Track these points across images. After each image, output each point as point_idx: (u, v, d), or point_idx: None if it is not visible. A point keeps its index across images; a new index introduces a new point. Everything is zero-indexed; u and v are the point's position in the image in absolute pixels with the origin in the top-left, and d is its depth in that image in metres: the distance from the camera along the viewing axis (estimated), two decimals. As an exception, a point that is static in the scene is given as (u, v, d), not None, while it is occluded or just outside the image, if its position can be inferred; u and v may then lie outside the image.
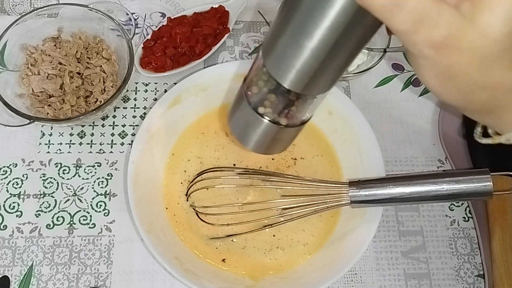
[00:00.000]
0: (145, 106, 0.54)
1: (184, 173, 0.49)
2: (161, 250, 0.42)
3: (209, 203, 0.48)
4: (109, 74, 0.52)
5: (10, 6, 0.59)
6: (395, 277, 0.49)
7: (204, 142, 0.51)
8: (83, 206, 0.49)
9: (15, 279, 0.45)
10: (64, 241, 0.47)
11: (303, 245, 0.47)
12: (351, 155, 0.50)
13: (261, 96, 0.29)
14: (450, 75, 0.22)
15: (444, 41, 0.20)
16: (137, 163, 0.46)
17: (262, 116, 0.30)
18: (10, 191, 0.49)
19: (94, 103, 0.51)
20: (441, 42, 0.21)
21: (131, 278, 0.46)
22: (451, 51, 0.21)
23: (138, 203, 0.44)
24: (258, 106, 0.30)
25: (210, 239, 0.47)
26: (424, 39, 0.21)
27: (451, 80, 0.23)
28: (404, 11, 0.19)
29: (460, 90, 0.23)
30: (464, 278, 0.49)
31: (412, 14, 0.19)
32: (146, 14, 0.59)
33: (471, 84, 0.23)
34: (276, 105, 0.29)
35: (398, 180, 0.45)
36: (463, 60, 0.21)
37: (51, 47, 0.52)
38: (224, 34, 0.56)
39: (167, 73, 0.54)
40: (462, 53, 0.21)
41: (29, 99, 0.50)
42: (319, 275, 0.44)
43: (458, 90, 0.23)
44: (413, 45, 0.21)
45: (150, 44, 0.54)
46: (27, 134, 0.51)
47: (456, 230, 0.51)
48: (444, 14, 0.20)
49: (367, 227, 0.44)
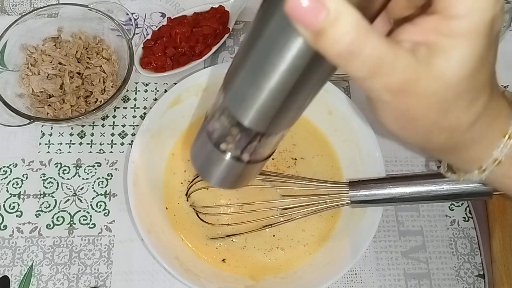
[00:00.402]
0: (145, 106, 0.54)
1: (184, 173, 0.49)
2: (161, 250, 0.42)
3: (209, 203, 0.48)
4: (109, 74, 0.52)
5: (10, 6, 0.59)
6: (395, 277, 0.49)
7: (204, 142, 0.51)
8: (83, 206, 0.49)
9: (15, 279, 0.45)
10: (64, 241, 0.47)
11: (303, 245, 0.47)
12: (351, 155, 0.50)
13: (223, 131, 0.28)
14: (408, 118, 0.23)
15: (400, 86, 0.20)
16: (137, 163, 0.46)
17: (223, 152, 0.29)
18: (10, 191, 0.49)
19: (94, 103, 0.51)
20: (397, 88, 0.21)
21: (131, 278, 0.46)
22: (408, 96, 0.21)
23: (138, 203, 0.44)
24: (220, 142, 0.28)
25: (210, 239, 0.47)
26: (381, 85, 0.21)
27: (409, 123, 0.23)
28: (360, 59, 0.19)
29: (418, 132, 0.24)
30: (464, 278, 0.49)
31: (368, 62, 0.19)
32: (146, 14, 0.59)
33: (429, 126, 0.23)
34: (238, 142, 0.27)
35: (398, 180, 0.45)
36: (420, 104, 0.21)
37: (51, 47, 0.52)
38: (224, 34, 0.56)
39: (167, 73, 0.54)
40: (419, 97, 0.21)
41: (29, 99, 0.50)
42: (319, 275, 0.44)
43: (417, 132, 0.24)
44: (371, 90, 0.21)
45: (150, 44, 0.54)
46: (27, 134, 0.51)
47: (456, 230, 0.51)
48: (400, 60, 0.20)
49: (367, 227, 0.44)
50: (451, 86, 0.21)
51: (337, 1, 0.18)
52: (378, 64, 0.19)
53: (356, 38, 0.18)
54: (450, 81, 0.21)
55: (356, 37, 0.18)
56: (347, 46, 0.19)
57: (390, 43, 0.20)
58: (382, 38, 0.19)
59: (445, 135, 0.24)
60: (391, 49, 0.20)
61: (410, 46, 0.21)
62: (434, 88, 0.21)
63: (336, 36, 0.18)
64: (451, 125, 0.23)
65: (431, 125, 0.23)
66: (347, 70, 0.20)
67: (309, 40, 0.19)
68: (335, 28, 0.18)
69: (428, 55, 0.20)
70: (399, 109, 0.22)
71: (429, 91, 0.21)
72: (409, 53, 0.20)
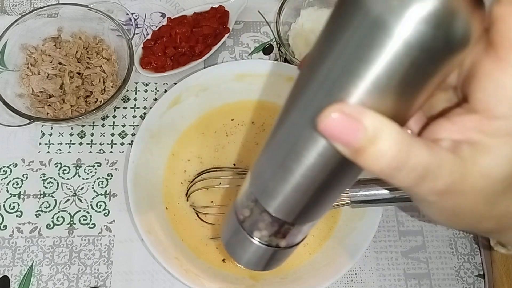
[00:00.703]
0: (145, 106, 0.54)
1: (184, 173, 0.49)
2: (161, 250, 0.42)
3: (209, 203, 0.48)
4: (109, 74, 0.52)
5: (10, 6, 0.59)
6: (395, 277, 0.49)
7: (204, 142, 0.51)
8: (83, 206, 0.49)
9: (15, 279, 0.45)
10: (64, 241, 0.47)
11: (303, 245, 0.47)
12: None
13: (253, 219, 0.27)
14: (455, 213, 0.22)
15: (447, 188, 0.20)
16: (137, 163, 0.46)
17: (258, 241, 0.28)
18: (10, 191, 0.49)
19: (94, 103, 0.51)
20: (444, 190, 0.20)
21: (131, 278, 0.46)
22: (455, 195, 0.20)
23: (138, 203, 0.44)
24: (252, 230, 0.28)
25: (210, 239, 0.47)
26: (427, 190, 0.20)
27: (456, 217, 0.23)
28: (404, 171, 0.18)
29: (466, 222, 0.23)
30: (464, 278, 0.49)
31: (412, 173, 0.19)
32: (146, 14, 0.59)
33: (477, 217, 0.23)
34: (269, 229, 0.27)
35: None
36: (467, 201, 0.21)
37: (51, 47, 0.52)
38: (224, 34, 0.56)
39: (167, 73, 0.54)
40: (466, 194, 0.20)
41: (29, 99, 0.50)
42: (319, 275, 0.44)
43: (465, 223, 0.24)
44: (416, 194, 0.21)
45: (150, 44, 0.54)
46: (27, 134, 0.51)
47: (456, 230, 0.51)
48: (445, 164, 0.19)
49: (367, 227, 0.44)
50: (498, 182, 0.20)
51: (374, 117, 0.17)
52: (423, 173, 0.19)
53: (398, 154, 0.18)
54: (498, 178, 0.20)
55: (399, 152, 0.18)
56: (390, 162, 0.18)
57: (433, 149, 0.19)
58: (424, 146, 0.19)
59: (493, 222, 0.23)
60: (435, 155, 0.19)
61: (451, 145, 0.20)
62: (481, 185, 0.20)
63: (377, 154, 0.18)
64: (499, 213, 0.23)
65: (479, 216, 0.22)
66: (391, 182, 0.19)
67: (347, 155, 0.19)
68: (375, 147, 0.17)
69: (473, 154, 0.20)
70: (445, 207, 0.22)
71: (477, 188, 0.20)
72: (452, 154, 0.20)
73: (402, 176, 0.19)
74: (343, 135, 0.18)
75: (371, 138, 0.17)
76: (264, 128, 0.52)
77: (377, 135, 0.17)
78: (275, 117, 0.23)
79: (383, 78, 0.17)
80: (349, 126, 0.17)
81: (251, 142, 0.52)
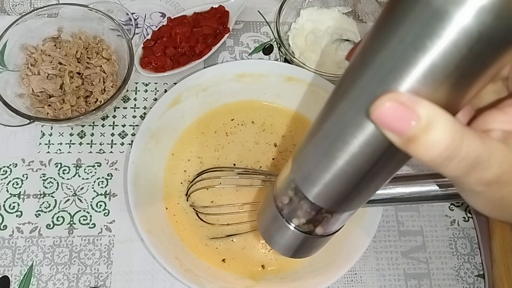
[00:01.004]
0: (145, 106, 0.54)
1: (184, 173, 0.49)
2: (161, 250, 0.42)
3: (209, 203, 0.48)
4: (109, 74, 0.52)
5: (10, 6, 0.59)
6: (395, 277, 0.49)
7: (204, 142, 0.51)
8: (83, 206, 0.49)
9: (15, 279, 0.45)
10: (64, 241, 0.47)
11: (303, 245, 0.47)
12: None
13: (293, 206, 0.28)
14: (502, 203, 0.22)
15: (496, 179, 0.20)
16: (137, 163, 0.46)
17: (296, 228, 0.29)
18: (10, 191, 0.49)
19: (94, 103, 0.51)
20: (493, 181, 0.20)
21: (131, 278, 0.46)
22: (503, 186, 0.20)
23: (138, 203, 0.44)
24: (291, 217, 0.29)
25: (210, 239, 0.47)
26: (475, 180, 0.20)
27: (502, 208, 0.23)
28: (455, 161, 0.18)
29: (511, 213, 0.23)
30: (464, 278, 0.49)
31: (463, 162, 0.19)
32: (146, 14, 0.59)
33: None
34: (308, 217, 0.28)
35: (398, 180, 0.44)
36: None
37: (51, 47, 0.52)
38: (224, 34, 0.56)
39: (167, 73, 0.54)
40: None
41: (29, 99, 0.50)
42: (319, 275, 0.44)
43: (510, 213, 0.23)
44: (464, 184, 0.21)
45: (150, 44, 0.54)
46: (27, 134, 0.51)
47: (456, 230, 0.51)
48: (495, 155, 0.19)
49: (367, 227, 0.44)
50: None
51: (428, 106, 0.17)
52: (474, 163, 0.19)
53: (451, 143, 0.18)
54: None
55: (452, 142, 0.18)
56: (442, 152, 0.18)
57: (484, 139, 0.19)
58: (476, 136, 0.19)
59: None
60: (486, 145, 0.19)
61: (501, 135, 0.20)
62: None
63: (429, 143, 0.18)
64: None
65: None
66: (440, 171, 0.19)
67: (398, 144, 0.19)
68: (428, 136, 0.17)
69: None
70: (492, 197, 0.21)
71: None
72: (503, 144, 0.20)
73: (452, 165, 0.19)
74: (397, 124, 0.18)
75: (425, 127, 0.17)
76: (264, 128, 0.52)
77: (431, 124, 0.17)
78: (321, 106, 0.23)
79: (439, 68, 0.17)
80: (403, 115, 0.17)
81: (251, 142, 0.52)
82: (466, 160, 0.18)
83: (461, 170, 0.19)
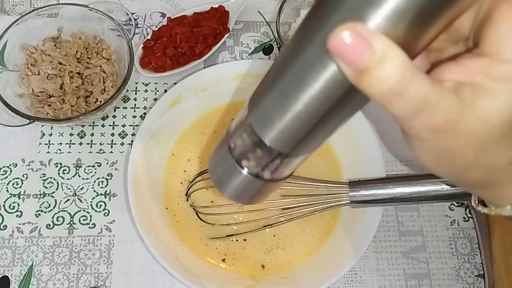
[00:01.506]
0: (145, 106, 0.54)
1: (184, 173, 0.49)
2: (161, 250, 0.42)
3: (209, 203, 0.48)
4: (109, 74, 0.52)
5: (10, 6, 0.59)
6: (395, 277, 0.49)
7: (204, 142, 0.51)
8: (83, 206, 0.49)
9: (15, 279, 0.45)
10: (64, 241, 0.47)
11: (303, 245, 0.47)
12: (351, 155, 0.50)
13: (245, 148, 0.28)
14: (445, 155, 0.22)
15: (442, 126, 0.20)
16: (137, 163, 0.46)
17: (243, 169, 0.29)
18: (10, 191, 0.49)
19: (94, 103, 0.51)
20: (438, 127, 0.20)
21: (131, 278, 0.46)
22: (448, 135, 0.21)
23: (138, 203, 0.44)
24: (241, 159, 0.28)
25: (210, 239, 0.47)
26: (422, 124, 0.20)
27: (445, 160, 0.23)
28: (404, 99, 0.19)
29: (454, 168, 0.24)
30: (464, 278, 0.49)
31: (411, 102, 0.19)
32: (146, 14, 0.59)
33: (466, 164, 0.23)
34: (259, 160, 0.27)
35: (398, 180, 0.45)
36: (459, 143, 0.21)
37: (51, 47, 0.52)
38: (224, 34, 0.56)
39: (167, 73, 0.54)
40: (459, 136, 0.21)
41: (29, 99, 0.50)
42: (319, 275, 0.44)
43: (453, 169, 0.24)
44: (410, 128, 0.21)
45: (150, 44, 0.54)
46: (27, 134, 0.51)
47: (456, 230, 0.51)
48: (444, 100, 0.20)
49: (367, 227, 0.44)
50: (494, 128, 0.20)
51: (384, 40, 0.18)
52: (421, 104, 0.19)
53: (402, 78, 0.18)
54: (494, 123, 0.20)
55: (402, 77, 0.18)
56: (392, 87, 0.18)
57: (435, 84, 0.19)
58: (426, 78, 0.19)
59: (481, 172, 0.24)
60: (436, 90, 0.19)
61: (453, 86, 0.21)
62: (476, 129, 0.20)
63: (381, 76, 0.18)
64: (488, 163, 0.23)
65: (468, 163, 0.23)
66: (388, 109, 0.20)
67: (349, 77, 0.19)
68: (381, 68, 0.18)
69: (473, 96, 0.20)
70: (437, 147, 0.22)
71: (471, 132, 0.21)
72: (453, 94, 0.20)
73: (400, 103, 0.19)
74: (351, 54, 0.18)
75: (378, 60, 0.18)
76: (264, 128, 0.52)
77: (384, 58, 0.18)
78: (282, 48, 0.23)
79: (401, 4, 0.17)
80: (358, 46, 0.17)
81: (251, 142, 0.51)
82: (414, 100, 0.19)
83: (408, 110, 0.19)
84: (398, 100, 0.19)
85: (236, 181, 0.30)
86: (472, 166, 0.23)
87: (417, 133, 0.21)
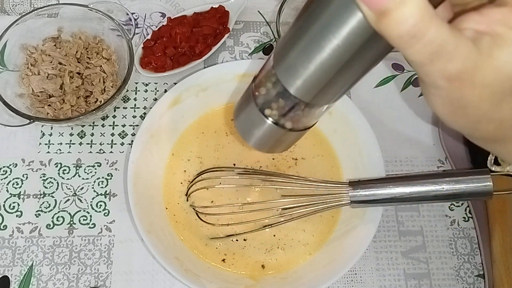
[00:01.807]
0: (145, 106, 0.54)
1: (184, 173, 0.49)
2: (161, 250, 0.42)
3: (209, 203, 0.48)
4: (109, 74, 0.52)
5: (10, 6, 0.59)
6: (395, 277, 0.49)
7: (204, 142, 0.51)
8: (83, 206, 0.49)
9: (15, 279, 0.45)
10: (64, 241, 0.47)
11: (303, 245, 0.47)
12: (351, 155, 0.50)
13: (268, 98, 0.29)
14: (460, 105, 0.22)
15: (458, 74, 0.20)
16: (137, 163, 0.46)
17: (267, 117, 0.30)
18: (10, 191, 0.49)
19: (94, 103, 0.51)
20: (455, 75, 0.20)
21: (131, 278, 0.46)
22: (464, 84, 0.21)
23: (138, 203, 0.44)
24: (264, 107, 0.30)
25: (210, 239, 0.47)
26: (438, 71, 0.20)
27: (460, 110, 0.23)
28: (421, 43, 0.19)
29: (468, 119, 0.24)
30: (464, 278, 0.49)
31: (429, 46, 0.19)
32: (146, 14, 0.59)
33: (480, 115, 0.23)
34: (282, 109, 0.29)
35: (398, 180, 0.45)
36: (474, 94, 0.21)
37: (51, 47, 0.52)
38: (224, 34, 0.56)
39: (167, 73, 0.54)
40: (475, 87, 0.21)
41: (29, 99, 0.50)
42: (319, 275, 0.44)
43: (466, 120, 0.24)
44: (426, 75, 0.21)
45: (150, 44, 0.54)
46: (27, 134, 0.51)
47: (456, 230, 0.51)
48: (461, 48, 0.20)
49: (367, 227, 0.44)
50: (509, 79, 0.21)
51: None
52: (439, 50, 0.19)
53: (421, 21, 0.18)
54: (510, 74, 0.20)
55: (421, 20, 0.18)
56: (411, 29, 0.19)
57: (453, 30, 0.20)
58: (445, 24, 0.19)
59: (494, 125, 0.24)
60: (454, 36, 0.19)
61: (472, 35, 0.21)
62: (491, 79, 0.21)
63: (400, 17, 0.18)
64: (502, 116, 0.23)
65: (482, 115, 0.23)
66: (406, 53, 0.20)
67: (370, 20, 0.19)
68: (400, 10, 0.18)
69: (491, 46, 0.20)
70: (452, 96, 0.22)
71: (486, 82, 0.21)
72: (471, 42, 0.20)
73: (418, 47, 0.19)
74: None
75: (398, 2, 0.18)
76: (264, 128, 0.52)
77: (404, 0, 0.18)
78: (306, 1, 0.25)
79: None
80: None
81: (251, 142, 0.52)
82: (431, 44, 0.19)
83: (425, 55, 0.20)
84: (416, 44, 0.19)
85: (259, 129, 0.31)
86: (485, 118, 0.23)
87: (433, 81, 0.21)
